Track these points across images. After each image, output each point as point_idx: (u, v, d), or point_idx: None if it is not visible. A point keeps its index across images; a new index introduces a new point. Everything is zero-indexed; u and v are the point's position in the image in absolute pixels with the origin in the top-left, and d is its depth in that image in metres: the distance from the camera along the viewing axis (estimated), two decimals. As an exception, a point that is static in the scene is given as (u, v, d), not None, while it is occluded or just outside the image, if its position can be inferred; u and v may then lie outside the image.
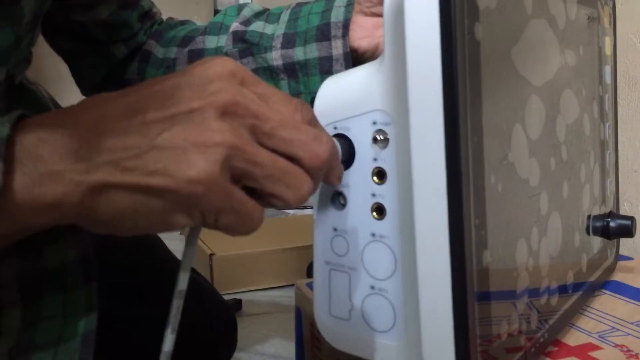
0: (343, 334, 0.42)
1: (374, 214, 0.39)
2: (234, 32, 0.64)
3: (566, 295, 0.47)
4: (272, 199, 0.33)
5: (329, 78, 0.42)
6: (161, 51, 0.67)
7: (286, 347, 0.95)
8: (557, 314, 0.45)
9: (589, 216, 0.52)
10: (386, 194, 0.38)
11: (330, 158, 0.34)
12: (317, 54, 0.60)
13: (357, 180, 0.39)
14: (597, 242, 0.55)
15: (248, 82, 0.33)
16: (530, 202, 0.40)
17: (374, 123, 0.38)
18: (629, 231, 0.54)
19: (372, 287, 0.40)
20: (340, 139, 0.39)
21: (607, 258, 0.59)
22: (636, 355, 0.44)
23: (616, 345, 0.46)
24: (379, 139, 0.38)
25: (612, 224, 0.54)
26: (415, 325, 0.35)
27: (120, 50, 0.67)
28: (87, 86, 0.69)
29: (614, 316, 0.52)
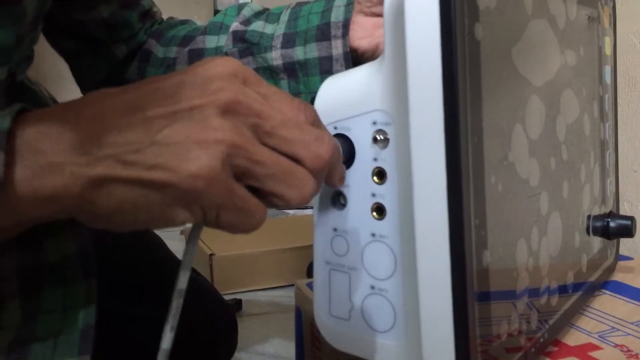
0: (343, 334, 0.42)
1: (374, 214, 0.39)
2: (234, 32, 0.64)
3: (566, 295, 0.47)
4: (274, 199, 0.33)
5: (329, 78, 0.42)
6: (161, 51, 0.67)
7: (286, 347, 0.95)
8: (557, 314, 0.45)
9: (589, 216, 0.52)
10: (386, 194, 0.38)
11: (332, 158, 0.34)
12: (317, 53, 0.60)
13: (357, 180, 0.39)
14: (597, 242, 0.55)
15: (250, 82, 0.33)
16: (530, 202, 0.40)
17: (374, 123, 0.38)
18: (629, 231, 0.54)
19: (372, 287, 0.40)
20: (340, 139, 0.39)
21: (607, 258, 0.59)
22: (636, 355, 0.44)
23: (616, 345, 0.46)
24: (379, 139, 0.38)
25: (612, 224, 0.54)
26: (415, 325, 0.35)
27: (121, 50, 0.67)
28: (88, 86, 0.69)
29: (614, 316, 0.52)
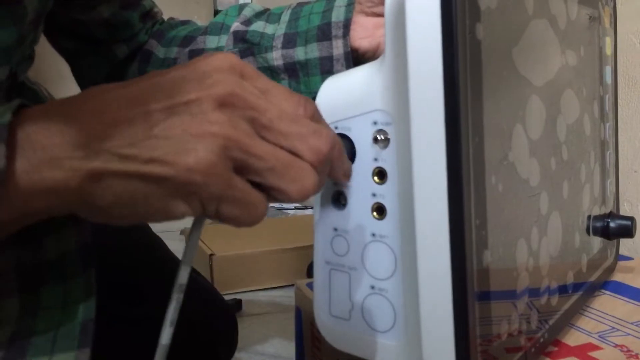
0: (343, 334, 0.42)
1: (375, 214, 0.39)
2: (235, 32, 0.64)
3: (566, 295, 0.47)
4: (275, 193, 0.33)
5: (329, 78, 0.42)
6: (162, 51, 0.67)
7: (286, 347, 0.95)
8: (557, 314, 0.45)
9: (589, 216, 0.52)
10: (387, 194, 0.38)
11: (330, 151, 0.33)
12: (318, 53, 0.60)
13: (358, 180, 0.39)
14: (597, 242, 0.55)
15: (248, 76, 0.33)
16: (531, 202, 0.40)
17: (375, 123, 0.38)
18: (629, 231, 0.54)
19: (373, 287, 0.40)
20: (341, 138, 0.39)
21: (607, 258, 0.59)
22: (636, 356, 0.44)
23: (616, 345, 0.46)
24: (379, 138, 0.38)
25: (612, 224, 0.54)
26: (416, 325, 0.35)
27: (122, 50, 0.67)
28: (88, 86, 0.68)
29: (614, 316, 0.52)
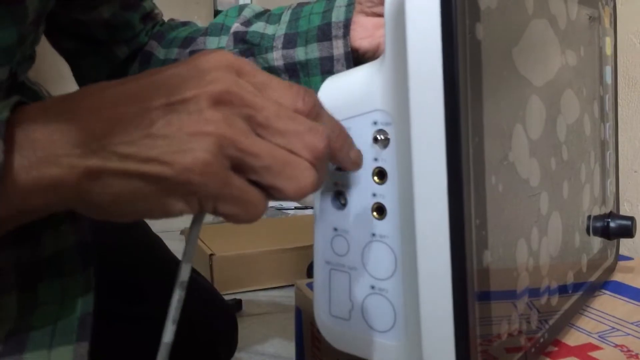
0: (343, 334, 0.42)
1: (375, 213, 0.39)
2: (235, 33, 0.64)
3: (566, 295, 0.47)
4: (273, 191, 0.32)
5: (329, 78, 0.42)
6: (162, 52, 0.67)
7: (286, 347, 0.95)
8: (557, 314, 0.45)
9: (589, 216, 0.52)
10: (387, 194, 0.38)
11: (327, 148, 0.33)
12: (318, 54, 0.60)
13: (358, 180, 0.39)
14: (597, 242, 0.55)
15: (245, 73, 0.33)
16: (531, 202, 0.40)
17: (375, 123, 0.38)
18: (629, 231, 0.54)
19: (373, 287, 0.40)
20: None
21: (607, 258, 0.59)
22: (636, 356, 0.44)
23: (616, 346, 0.46)
24: (379, 138, 0.38)
25: (612, 224, 0.54)
26: (415, 325, 0.35)
27: (122, 51, 0.67)
28: None
29: (614, 316, 0.52)
